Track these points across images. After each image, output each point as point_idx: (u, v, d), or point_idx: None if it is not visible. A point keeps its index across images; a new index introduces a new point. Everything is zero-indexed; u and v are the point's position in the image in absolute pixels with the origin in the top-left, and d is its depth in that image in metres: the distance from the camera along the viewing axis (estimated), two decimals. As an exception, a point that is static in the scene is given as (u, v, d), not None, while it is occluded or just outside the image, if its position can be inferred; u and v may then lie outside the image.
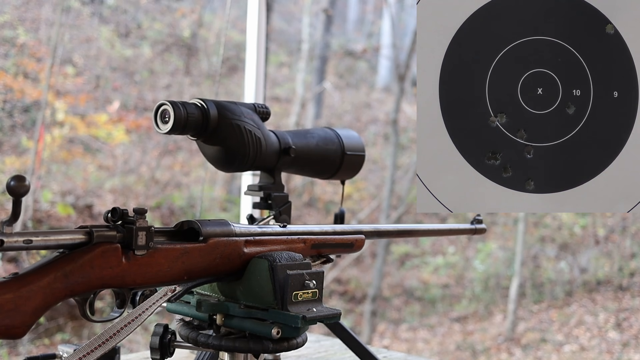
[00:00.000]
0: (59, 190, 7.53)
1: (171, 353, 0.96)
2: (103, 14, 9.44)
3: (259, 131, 1.27)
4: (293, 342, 0.92)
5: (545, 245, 9.59)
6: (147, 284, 0.86)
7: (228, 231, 0.93)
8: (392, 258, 9.50)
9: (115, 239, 0.82)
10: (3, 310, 0.74)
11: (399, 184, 9.28)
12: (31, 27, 8.24)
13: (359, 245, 1.12)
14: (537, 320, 8.42)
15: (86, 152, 8.07)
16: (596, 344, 7.73)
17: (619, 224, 9.42)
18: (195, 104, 1.22)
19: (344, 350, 2.04)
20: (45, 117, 6.86)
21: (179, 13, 9.97)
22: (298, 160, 1.38)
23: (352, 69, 12.50)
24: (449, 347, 8.06)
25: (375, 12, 13.23)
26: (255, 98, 2.50)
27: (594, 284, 9.05)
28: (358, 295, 8.99)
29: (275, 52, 11.25)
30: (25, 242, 0.75)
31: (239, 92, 3.97)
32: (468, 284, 9.32)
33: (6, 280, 0.76)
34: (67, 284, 0.78)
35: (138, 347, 5.77)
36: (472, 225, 1.48)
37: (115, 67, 8.98)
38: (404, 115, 10.02)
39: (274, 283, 0.90)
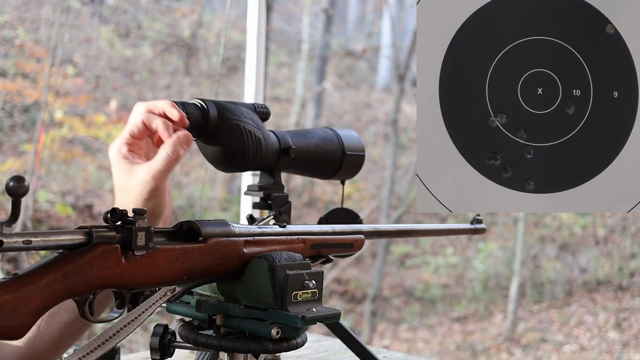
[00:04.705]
0: (59, 190, 7.53)
1: (171, 353, 0.96)
2: (103, 14, 9.45)
3: (259, 131, 1.27)
4: (293, 342, 0.92)
5: (545, 245, 9.59)
6: (146, 285, 0.86)
7: (228, 231, 0.93)
8: (392, 258, 9.51)
9: (114, 240, 0.82)
10: (3, 310, 0.74)
11: (399, 184, 9.29)
12: (31, 27, 8.24)
13: (358, 245, 1.12)
14: (537, 320, 8.42)
15: (86, 152, 8.07)
16: (596, 344, 7.73)
17: (619, 224, 9.42)
18: (195, 104, 1.22)
19: (344, 350, 2.04)
20: (44, 117, 6.86)
21: (179, 13, 9.98)
22: (298, 160, 1.38)
23: (352, 69, 12.50)
24: (449, 347, 8.06)
25: (375, 12, 13.24)
26: (255, 98, 2.50)
27: (594, 284, 9.05)
28: (358, 295, 8.99)
29: (275, 52, 11.26)
30: (25, 242, 0.75)
31: (239, 92, 3.97)
32: (468, 284, 9.32)
33: (6, 280, 0.76)
34: (66, 284, 0.78)
35: (138, 347, 5.77)
36: (472, 225, 1.48)
37: (115, 67, 8.98)
38: (404, 115, 10.02)
39: (273, 283, 0.90)
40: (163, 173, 1.06)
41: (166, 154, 1.06)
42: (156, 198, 1.08)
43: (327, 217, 1.53)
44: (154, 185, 1.06)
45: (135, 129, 1.09)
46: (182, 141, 1.07)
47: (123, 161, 1.08)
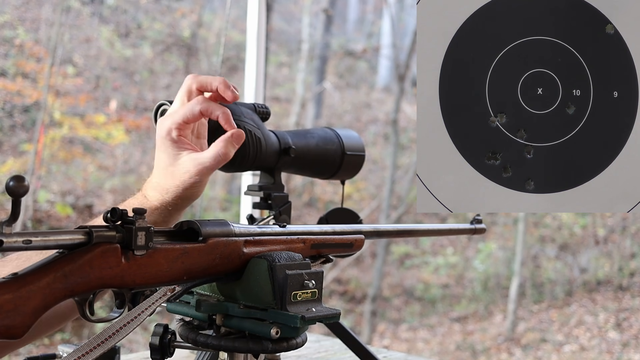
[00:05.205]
0: (59, 190, 7.53)
1: (171, 353, 0.96)
2: (103, 14, 9.45)
3: (259, 131, 1.27)
4: (292, 342, 0.92)
5: (545, 245, 9.59)
6: (146, 284, 0.85)
7: (227, 231, 0.93)
8: (392, 258, 9.51)
9: (114, 239, 0.82)
10: (3, 310, 0.74)
11: (399, 184, 9.29)
12: (31, 27, 8.24)
13: (358, 245, 1.12)
14: (537, 320, 8.42)
15: (86, 152, 8.08)
16: (596, 344, 7.73)
17: (619, 224, 9.42)
18: (195, 104, 1.22)
19: (344, 350, 2.04)
20: (44, 117, 6.86)
21: (179, 13, 9.98)
22: (298, 160, 1.38)
23: (352, 69, 12.50)
24: (449, 347, 8.06)
25: (375, 12, 13.24)
26: (255, 98, 2.49)
27: (594, 284, 9.05)
28: (358, 295, 8.99)
29: (275, 52, 11.26)
30: (25, 242, 0.75)
31: (239, 92, 3.94)
32: (468, 284, 9.32)
33: (6, 280, 0.76)
34: (66, 284, 0.78)
35: (138, 347, 5.77)
36: (472, 225, 1.48)
37: (115, 67, 8.98)
38: (404, 115, 10.02)
39: (273, 283, 0.90)
40: (209, 170, 1.05)
41: (217, 152, 1.04)
42: (196, 188, 1.08)
43: (327, 217, 1.53)
44: (198, 179, 1.05)
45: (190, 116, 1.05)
46: (235, 139, 1.05)
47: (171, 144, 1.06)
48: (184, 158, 1.05)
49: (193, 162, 1.05)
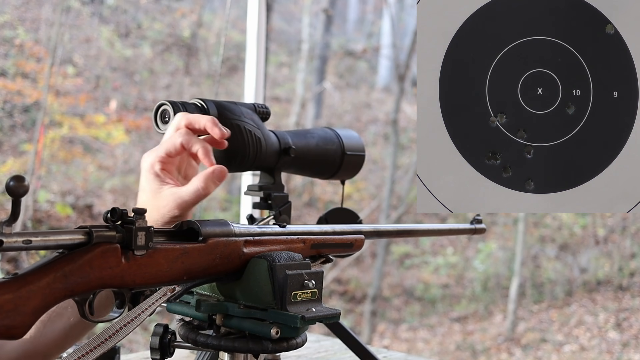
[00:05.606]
0: (59, 190, 7.53)
1: (171, 353, 0.96)
2: (103, 14, 9.45)
3: (259, 131, 1.27)
4: (292, 342, 0.92)
5: (545, 245, 9.59)
6: (146, 284, 0.85)
7: (227, 231, 0.93)
8: (392, 258, 9.51)
9: (114, 239, 0.82)
10: (3, 310, 0.74)
11: (399, 184, 9.29)
12: (31, 27, 8.24)
13: (358, 245, 1.12)
14: (537, 320, 8.42)
15: (86, 152, 8.08)
16: (596, 344, 7.73)
17: (619, 224, 9.42)
18: (195, 104, 1.22)
19: (344, 350, 2.04)
20: (44, 117, 6.86)
21: (178, 13, 9.98)
22: (298, 160, 1.38)
23: (352, 69, 12.51)
24: (449, 347, 8.07)
25: (375, 12, 13.24)
26: (255, 98, 2.49)
27: (594, 284, 9.05)
28: (358, 295, 8.99)
29: (275, 52, 11.26)
30: (25, 242, 0.75)
31: (239, 92, 3.97)
32: (468, 284, 9.32)
33: (6, 280, 0.76)
34: (66, 284, 0.78)
35: (138, 347, 5.77)
36: (472, 225, 1.48)
37: (115, 67, 8.98)
38: (404, 115, 10.02)
39: (273, 283, 0.90)
40: (189, 205, 1.04)
41: (197, 187, 1.03)
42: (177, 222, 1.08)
43: (327, 217, 1.53)
44: (178, 213, 1.05)
45: (172, 149, 1.06)
46: (215, 176, 1.04)
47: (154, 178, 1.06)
48: (165, 192, 1.05)
49: (173, 196, 1.04)
